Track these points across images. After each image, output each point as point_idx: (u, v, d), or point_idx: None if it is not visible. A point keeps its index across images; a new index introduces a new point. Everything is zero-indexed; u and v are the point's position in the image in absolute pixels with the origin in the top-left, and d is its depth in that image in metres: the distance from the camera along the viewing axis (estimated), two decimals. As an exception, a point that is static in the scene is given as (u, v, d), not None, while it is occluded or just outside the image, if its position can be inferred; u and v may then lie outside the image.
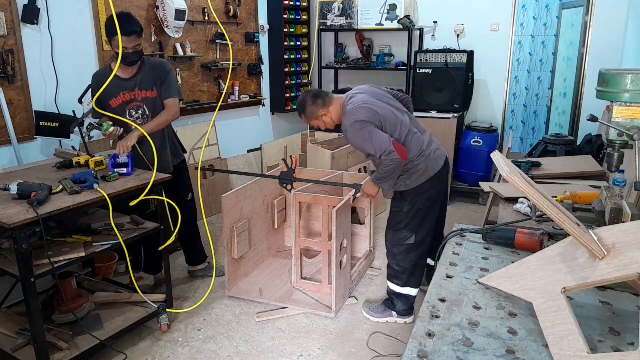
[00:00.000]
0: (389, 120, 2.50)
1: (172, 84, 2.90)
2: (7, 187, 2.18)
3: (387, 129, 2.49)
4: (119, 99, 2.83)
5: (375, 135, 2.43)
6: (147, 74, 2.84)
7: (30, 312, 2.08)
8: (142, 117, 2.90)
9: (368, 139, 2.44)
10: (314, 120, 2.66)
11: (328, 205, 2.90)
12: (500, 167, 1.22)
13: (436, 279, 1.36)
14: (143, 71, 2.84)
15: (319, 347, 2.61)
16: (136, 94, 2.85)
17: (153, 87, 2.85)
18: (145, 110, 2.89)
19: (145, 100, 2.87)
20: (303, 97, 2.67)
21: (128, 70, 2.81)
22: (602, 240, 1.11)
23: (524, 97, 6.15)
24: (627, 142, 1.64)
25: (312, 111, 2.62)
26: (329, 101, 2.61)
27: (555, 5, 5.70)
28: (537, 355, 1.03)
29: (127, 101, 2.85)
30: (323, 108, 2.60)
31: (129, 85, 2.83)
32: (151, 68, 2.86)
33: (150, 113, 2.89)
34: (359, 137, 2.47)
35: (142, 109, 2.88)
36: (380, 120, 2.48)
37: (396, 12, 4.98)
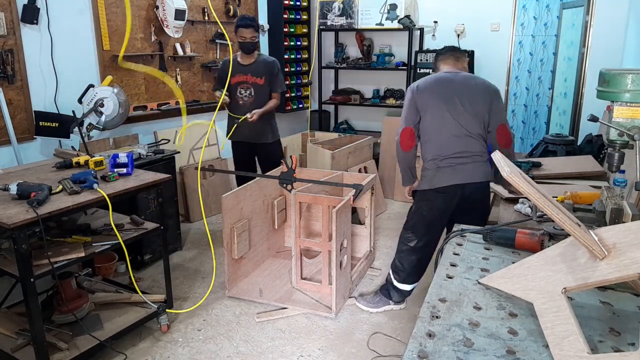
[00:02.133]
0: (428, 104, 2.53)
1: (280, 80, 3.78)
2: (6, 187, 2.17)
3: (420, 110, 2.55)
4: (236, 78, 3.68)
5: (404, 110, 2.57)
6: (259, 65, 3.70)
7: (29, 312, 2.07)
8: (249, 96, 3.72)
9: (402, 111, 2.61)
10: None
11: (328, 205, 2.90)
12: (501, 167, 1.21)
13: (436, 279, 1.36)
14: (257, 62, 3.70)
15: (319, 348, 2.61)
16: (248, 78, 3.69)
17: (262, 76, 3.68)
18: (252, 91, 3.71)
19: (254, 85, 3.70)
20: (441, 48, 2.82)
21: (247, 58, 3.69)
22: (602, 241, 1.11)
23: (525, 97, 6.15)
24: (628, 142, 1.64)
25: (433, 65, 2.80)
26: (439, 64, 2.71)
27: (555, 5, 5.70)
28: (537, 355, 1.02)
29: (240, 81, 3.70)
30: (434, 68, 2.75)
31: (244, 70, 3.69)
32: (264, 62, 3.71)
33: (255, 95, 3.71)
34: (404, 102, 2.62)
35: (250, 90, 3.71)
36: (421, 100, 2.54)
37: (396, 12, 4.98)
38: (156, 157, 3.51)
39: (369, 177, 3.36)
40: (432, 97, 2.51)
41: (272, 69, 3.71)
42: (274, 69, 3.72)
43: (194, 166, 4.39)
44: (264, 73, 3.68)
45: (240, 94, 3.73)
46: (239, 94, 3.73)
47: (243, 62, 3.70)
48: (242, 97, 3.72)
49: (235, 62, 3.67)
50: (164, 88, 4.27)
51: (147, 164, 3.34)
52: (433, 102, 2.50)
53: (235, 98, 3.74)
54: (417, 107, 2.52)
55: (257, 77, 3.69)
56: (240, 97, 3.73)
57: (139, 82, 4.06)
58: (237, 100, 3.73)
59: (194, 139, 4.54)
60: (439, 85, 2.54)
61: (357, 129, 5.88)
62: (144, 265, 3.49)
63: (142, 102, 4.09)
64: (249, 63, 3.69)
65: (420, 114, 2.52)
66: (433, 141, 2.51)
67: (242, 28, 3.56)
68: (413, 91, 2.55)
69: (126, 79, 3.94)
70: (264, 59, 3.75)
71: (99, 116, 3.24)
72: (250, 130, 3.72)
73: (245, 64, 3.69)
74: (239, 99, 3.73)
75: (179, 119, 4.42)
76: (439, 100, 2.49)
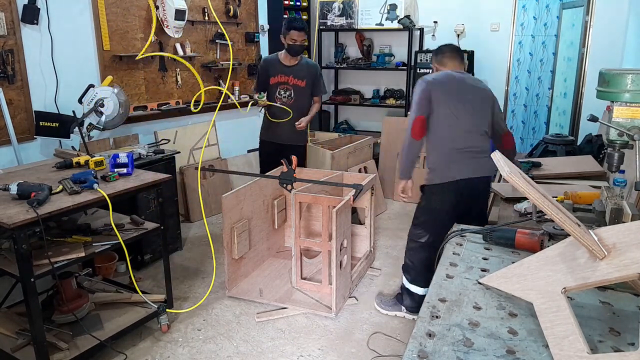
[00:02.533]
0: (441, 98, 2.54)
1: (322, 85, 3.77)
2: (7, 187, 2.17)
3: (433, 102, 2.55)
4: (276, 79, 3.65)
5: (415, 99, 2.55)
6: (302, 67, 3.66)
7: (30, 312, 2.08)
8: (288, 97, 3.67)
9: (414, 101, 2.58)
10: (432, 66, 2.82)
11: (328, 205, 2.90)
12: (500, 167, 1.22)
13: (436, 279, 1.36)
14: (299, 64, 3.66)
15: (319, 347, 2.61)
16: (289, 79, 3.65)
17: (304, 79, 3.65)
18: (291, 93, 3.67)
19: (295, 87, 3.66)
20: (445, 45, 2.80)
21: (290, 59, 3.62)
22: (602, 240, 1.11)
23: (524, 97, 6.15)
24: (628, 142, 1.64)
25: (433, 60, 2.79)
26: (445, 61, 2.71)
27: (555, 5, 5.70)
28: (537, 355, 1.02)
29: (281, 82, 3.66)
30: (437, 62, 2.74)
31: (286, 71, 3.64)
32: (306, 65, 3.69)
33: (294, 97, 3.67)
34: (415, 92, 2.61)
35: (290, 92, 3.67)
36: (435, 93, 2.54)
37: (396, 12, 4.98)
38: (156, 157, 3.51)
39: (369, 177, 3.36)
40: (447, 93, 2.54)
41: (314, 73, 3.70)
42: (316, 73, 3.71)
43: (194, 166, 4.40)
44: (306, 76, 3.64)
45: (279, 95, 3.68)
46: (278, 94, 3.68)
47: (286, 62, 3.64)
48: (280, 98, 3.68)
49: (277, 62, 3.66)
50: (164, 88, 4.27)
51: (147, 164, 3.34)
52: (448, 97, 2.53)
53: (274, 98, 3.69)
54: (430, 99, 2.53)
55: (298, 80, 3.64)
56: (279, 97, 3.68)
57: (139, 82, 4.06)
58: (276, 100, 3.69)
59: (194, 139, 4.54)
60: (453, 82, 2.58)
61: (357, 129, 5.88)
62: (144, 265, 3.50)
63: (142, 102, 4.09)
64: (292, 64, 3.64)
65: (433, 107, 2.54)
66: (445, 135, 2.55)
67: (295, 30, 3.48)
68: (428, 82, 2.56)
69: (126, 79, 3.94)
70: (306, 61, 3.73)
71: (99, 116, 3.24)
72: (285, 132, 3.70)
73: (288, 65, 3.64)
74: (277, 99, 3.68)
75: (179, 119, 4.42)
76: (453, 96, 2.54)
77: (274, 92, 3.68)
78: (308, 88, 3.67)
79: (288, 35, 3.51)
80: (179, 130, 4.37)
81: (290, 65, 3.64)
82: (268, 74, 3.69)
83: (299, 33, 3.50)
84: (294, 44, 3.52)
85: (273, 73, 3.66)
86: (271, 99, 3.70)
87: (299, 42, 3.53)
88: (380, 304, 2.93)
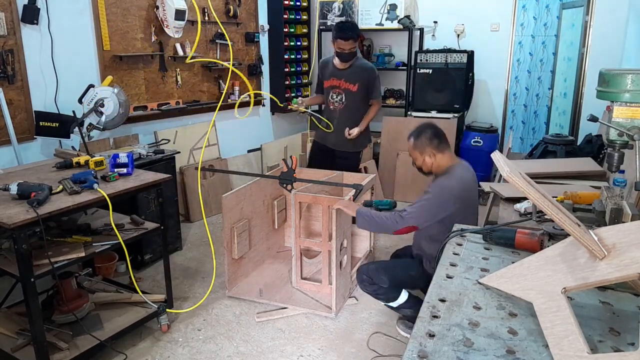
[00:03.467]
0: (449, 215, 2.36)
1: (377, 88, 3.67)
2: (7, 187, 2.17)
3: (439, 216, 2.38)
4: (329, 82, 3.63)
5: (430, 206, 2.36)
6: (355, 71, 3.56)
7: (30, 312, 2.08)
8: (339, 102, 3.63)
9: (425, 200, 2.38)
10: (417, 151, 2.51)
11: (328, 205, 2.90)
12: (500, 167, 1.22)
13: (436, 279, 1.36)
14: (353, 67, 3.56)
15: (319, 347, 2.61)
16: (341, 83, 3.60)
17: (356, 83, 3.56)
18: (343, 97, 3.61)
19: (346, 91, 3.59)
20: (425, 125, 2.54)
21: (343, 63, 3.56)
22: (602, 240, 1.11)
23: (524, 97, 6.15)
24: (628, 142, 1.64)
25: (423, 143, 2.47)
26: (443, 148, 2.47)
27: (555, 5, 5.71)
28: (537, 355, 1.02)
29: (333, 86, 3.62)
30: (434, 148, 2.46)
31: (339, 75, 3.59)
32: (360, 68, 3.58)
33: (346, 101, 3.61)
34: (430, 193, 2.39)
35: (341, 96, 3.61)
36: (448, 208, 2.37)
37: (396, 12, 4.98)
38: (156, 157, 3.51)
39: (369, 177, 3.36)
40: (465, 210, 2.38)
41: (368, 76, 3.58)
42: (371, 76, 3.59)
43: (194, 166, 4.40)
44: (358, 80, 3.56)
45: (331, 99, 3.65)
46: (330, 98, 3.65)
47: (339, 66, 3.60)
48: (332, 102, 3.65)
49: (331, 65, 3.63)
50: (164, 88, 4.27)
51: (147, 164, 3.34)
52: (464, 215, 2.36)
53: (327, 102, 3.67)
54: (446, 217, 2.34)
55: (350, 83, 3.57)
56: (331, 101, 3.65)
57: (139, 82, 4.06)
58: (328, 104, 3.67)
59: (194, 139, 4.54)
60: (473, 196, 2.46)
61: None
62: (144, 265, 3.50)
63: (143, 102, 4.09)
64: (344, 68, 3.58)
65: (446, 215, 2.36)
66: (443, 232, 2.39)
67: (341, 40, 3.41)
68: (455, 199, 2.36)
69: (126, 79, 3.94)
70: (360, 64, 3.61)
71: (99, 116, 3.24)
72: (333, 137, 3.67)
73: (340, 69, 3.59)
74: (329, 103, 3.66)
75: (179, 119, 4.43)
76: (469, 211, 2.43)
77: (327, 96, 3.66)
78: (360, 92, 3.58)
79: (336, 43, 3.46)
80: (179, 130, 4.37)
81: (343, 69, 3.58)
82: (322, 77, 3.69)
83: (345, 42, 3.42)
84: (342, 52, 3.47)
85: (326, 76, 3.64)
86: (325, 103, 3.70)
87: (346, 50, 3.45)
88: (405, 330, 2.73)
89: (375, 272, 2.56)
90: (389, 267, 2.64)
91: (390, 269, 2.60)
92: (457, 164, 2.49)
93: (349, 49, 3.44)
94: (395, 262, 2.74)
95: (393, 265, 2.66)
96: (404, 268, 2.61)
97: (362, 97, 3.61)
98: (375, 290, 2.57)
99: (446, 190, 2.37)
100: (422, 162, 2.51)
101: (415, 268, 2.58)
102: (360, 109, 3.65)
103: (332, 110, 3.67)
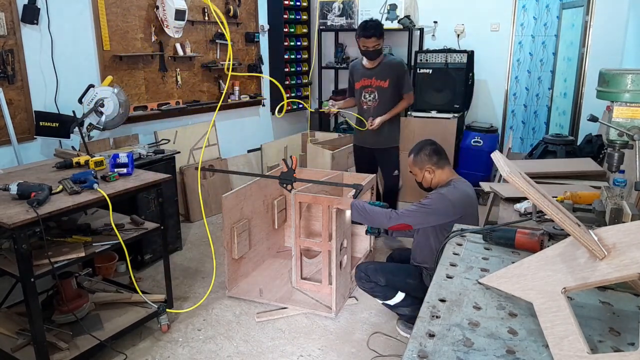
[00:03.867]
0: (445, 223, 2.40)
1: (408, 82, 3.69)
2: (7, 187, 2.18)
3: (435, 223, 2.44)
4: (360, 83, 3.67)
5: (426, 212, 2.40)
6: (384, 67, 3.61)
7: (30, 312, 2.08)
8: (373, 100, 3.66)
9: (423, 205, 2.42)
10: (416, 167, 2.58)
11: (328, 205, 2.90)
12: (500, 167, 1.22)
13: (436, 279, 1.36)
14: (381, 65, 3.61)
15: (319, 347, 2.61)
16: (372, 82, 3.63)
17: (387, 79, 3.59)
18: (375, 95, 3.64)
19: (378, 88, 3.62)
20: (425, 142, 2.61)
21: (371, 62, 3.62)
22: (602, 240, 1.11)
23: (524, 97, 6.14)
24: (628, 142, 1.64)
25: (422, 159, 2.55)
26: (442, 164, 2.54)
27: (555, 5, 5.70)
28: (537, 355, 1.02)
29: (365, 85, 3.66)
30: (433, 165, 2.53)
31: (369, 74, 3.64)
32: (389, 64, 3.62)
33: (379, 99, 3.64)
34: (430, 199, 2.44)
35: (374, 94, 3.65)
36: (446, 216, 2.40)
37: (396, 12, 4.98)
38: (156, 157, 3.51)
39: (369, 177, 3.36)
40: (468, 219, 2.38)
41: (398, 71, 3.62)
42: (400, 71, 3.63)
43: (194, 166, 4.40)
44: (388, 76, 3.60)
45: (364, 99, 3.69)
46: (363, 98, 3.69)
47: (367, 65, 3.64)
48: (366, 102, 3.68)
49: (360, 66, 3.68)
50: (164, 88, 4.27)
51: (147, 164, 3.34)
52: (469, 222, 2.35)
53: (360, 102, 3.71)
54: (443, 226, 2.40)
55: (381, 81, 3.61)
56: (364, 101, 3.69)
57: (139, 82, 4.06)
58: (362, 104, 3.70)
59: (194, 139, 4.54)
60: (470, 205, 2.47)
61: (357, 129, 5.88)
62: (144, 265, 3.50)
63: (143, 102, 4.09)
64: (373, 66, 3.62)
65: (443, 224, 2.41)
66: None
67: (364, 38, 3.46)
68: (442, 201, 2.41)
69: (126, 79, 3.94)
70: (389, 60, 3.66)
71: (99, 116, 3.24)
72: (369, 137, 3.70)
73: (369, 68, 3.64)
74: (363, 103, 3.70)
75: (179, 119, 4.43)
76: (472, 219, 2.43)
77: (359, 97, 3.70)
78: (391, 88, 3.61)
79: (360, 42, 3.51)
80: (179, 130, 4.38)
81: (372, 67, 3.62)
82: (353, 79, 3.72)
83: (367, 40, 3.46)
84: (367, 50, 3.51)
85: (357, 78, 3.68)
86: (358, 104, 3.74)
87: (370, 48, 3.48)
88: (405, 330, 2.75)
89: (373, 271, 2.60)
90: (387, 270, 2.65)
91: (389, 273, 2.62)
92: (458, 179, 2.55)
93: (372, 46, 3.48)
94: (395, 266, 2.74)
95: (392, 270, 2.66)
96: (402, 274, 2.62)
97: (394, 92, 3.64)
98: (372, 288, 2.62)
99: (446, 199, 2.41)
100: (422, 178, 2.59)
101: (414, 277, 2.60)
102: (392, 105, 3.67)
103: (366, 110, 3.69)
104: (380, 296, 2.65)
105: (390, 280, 2.58)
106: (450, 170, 2.58)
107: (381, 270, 2.61)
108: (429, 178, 2.56)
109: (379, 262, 3.04)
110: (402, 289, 2.60)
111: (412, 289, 2.58)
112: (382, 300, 2.68)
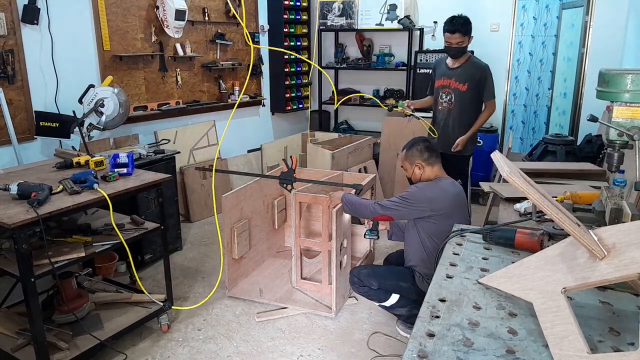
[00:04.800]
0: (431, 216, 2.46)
1: (490, 88, 3.41)
2: (7, 187, 2.17)
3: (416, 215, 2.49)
4: (440, 82, 3.48)
5: (404, 204, 2.46)
6: (466, 70, 3.39)
7: (30, 312, 2.08)
8: (448, 102, 3.46)
9: (402, 198, 2.48)
10: (407, 162, 2.63)
11: (328, 205, 2.90)
12: (500, 167, 1.22)
13: (436, 279, 1.36)
14: (464, 66, 3.41)
15: (319, 347, 2.61)
16: (451, 83, 3.43)
17: (466, 82, 3.37)
18: (452, 97, 3.43)
19: (455, 90, 3.41)
20: (418, 139, 2.67)
21: (454, 61, 3.43)
22: (602, 240, 1.11)
23: (524, 97, 6.14)
24: (627, 142, 1.64)
25: (414, 154, 2.60)
26: (432, 162, 2.59)
27: (555, 5, 5.70)
28: (537, 355, 1.02)
29: (443, 85, 3.46)
30: (423, 161, 2.58)
31: (449, 74, 3.45)
32: (472, 66, 3.40)
33: (455, 102, 3.43)
34: (408, 192, 2.50)
35: (450, 96, 3.44)
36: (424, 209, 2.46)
37: (396, 12, 4.98)
38: (156, 157, 3.51)
39: (369, 177, 3.36)
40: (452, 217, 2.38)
41: (480, 75, 3.38)
42: (482, 75, 3.38)
43: (194, 166, 4.40)
44: (468, 79, 3.38)
45: (440, 99, 3.50)
46: (440, 98, 3.51)
47: (450, 65, 3.47)
48: (441, 102, 3.50)
49: (443, 64, 3.51)
50: (164, 88, 4.27)
51: (147, 164, 3.34)
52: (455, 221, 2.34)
53: (436, 102, 3.54)
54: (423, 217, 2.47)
55: (460, 83, 3.40)
56: (440, 101, 3.50)
57: (139, 82, 4.06)
58: (437, 104, 3.53)
59: (194, 139, 4.54)
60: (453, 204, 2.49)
61: (357, 129, 5.88)
62: (144, 265, 3.50)
63: (143, 102, 4.09)
64: (456, 66, 3.43)
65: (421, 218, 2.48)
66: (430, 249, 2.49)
67: (448, 33, 3.31)
68: (419, 194, 2.48)
69: (126, 79, 3.94)
70: (473, 63, 3.44)
71: (100, 116, 3.24)
72: (442, 141, 3.48)
73: (451, 67, 3.45)
74: (439, 103, 3.52)
75: (179, 119, 4.43)
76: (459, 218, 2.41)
77: (437, 96, 3.52)
78: (470, 92, 3.38)
79: (444, 37, 3.36)
80: (179, 130, 4.38)
81: (454, 67, 3.43)
82: (434, 76, 3.56)
83: (450, 35, 3.31)
84: (450, 47, 3.35)
85: (438, 75, 3.51)
86: (434, 103, 3.57)
87: (453, 44, 3.32)
88: (405, 330, 2.75)
89: (365, 276, 2.65)
90: (379, 274, 2.67)
91: (380, 276, 2.64)
92: (444, 178, 2.60)
93: (456, 42, 3.31)
94: (387, 270, 2.74)
95: (383, 273, 2.68)
96: (395, 277, 2.63)
97: (472, 97, 3.41)
98: (367, 292, 2.67)
99: (421, 193, 2.49)
100: (411, 173, 2.65)
101: (406, 280, 2.61)
102: (469, 111, 3.45)
103: (440, 111, 3.52)
104: (375, 299, 2.68)
105: (382, 284, 2.62)
106: (439, 169, 2.63)
107: (373, 274, 2.64)
108: (418, 174, 2.61)
109: (372, 266, 3.04)
110: (395, 291, 2.62)
111: (405, 292, 2.60)
112: (377, 303, 2.71)
